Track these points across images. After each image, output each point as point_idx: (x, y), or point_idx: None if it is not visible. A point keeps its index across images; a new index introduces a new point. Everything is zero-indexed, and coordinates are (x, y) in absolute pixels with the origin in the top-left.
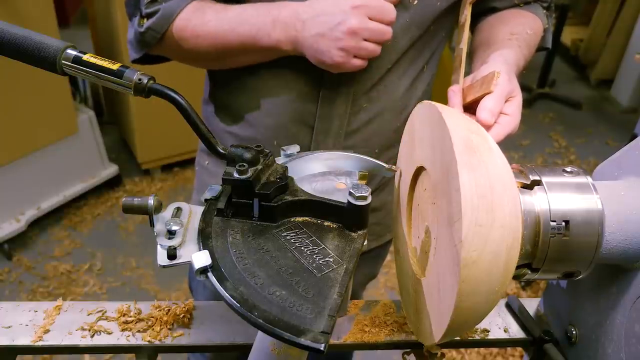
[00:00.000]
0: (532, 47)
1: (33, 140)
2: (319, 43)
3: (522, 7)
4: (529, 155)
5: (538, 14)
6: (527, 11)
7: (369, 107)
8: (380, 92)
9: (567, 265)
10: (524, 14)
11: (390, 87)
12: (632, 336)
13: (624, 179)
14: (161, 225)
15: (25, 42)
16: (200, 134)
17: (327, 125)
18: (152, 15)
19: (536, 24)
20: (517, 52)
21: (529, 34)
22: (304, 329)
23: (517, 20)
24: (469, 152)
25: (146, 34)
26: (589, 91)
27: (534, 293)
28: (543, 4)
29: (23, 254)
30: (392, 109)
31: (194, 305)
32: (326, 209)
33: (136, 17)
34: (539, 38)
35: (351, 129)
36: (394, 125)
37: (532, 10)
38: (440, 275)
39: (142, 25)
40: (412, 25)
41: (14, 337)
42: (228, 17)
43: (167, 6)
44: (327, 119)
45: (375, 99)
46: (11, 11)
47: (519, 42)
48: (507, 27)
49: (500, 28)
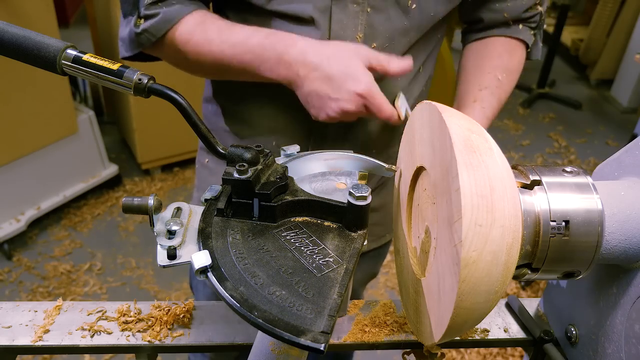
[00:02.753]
0: (502, 95)
1: (33, 140)
2: (313, 99)
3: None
4: (529, 155)
5: (523, 36)
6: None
7: None
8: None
9: (567, 265)
10: (500, 50)
11: (388, 90)
12: (632, 336)
13: (624, 179)
14: (161, 225)
15: (25, 42)
16: (200, 133)
17: (325, 128)
18: (150, 18)
19: (512, 61)
20: (481, 122)
21: (499, 81)
22: (304, 329)
23: (492, 62)
24: (469, 152)
25: (141, 36)
26: (589, 91)
27: (534, 293)
28: (531, 25)
29: (23, 254)
30: None
31: (194, 305)
32: (326, 209)
33: (133, 17)
34: (515, 75)
35: (349, 131)
36: (390, 125)
37: (517, 34)
38: (440, 275)
39: (138, 25)
40: (411, 30)
41: (14, 337)
42: (232, 42)
43: (167, 11)
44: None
45: None
46: (11, 11)
47: (484, 101)
48: (479, 78)
49: (472, 81)
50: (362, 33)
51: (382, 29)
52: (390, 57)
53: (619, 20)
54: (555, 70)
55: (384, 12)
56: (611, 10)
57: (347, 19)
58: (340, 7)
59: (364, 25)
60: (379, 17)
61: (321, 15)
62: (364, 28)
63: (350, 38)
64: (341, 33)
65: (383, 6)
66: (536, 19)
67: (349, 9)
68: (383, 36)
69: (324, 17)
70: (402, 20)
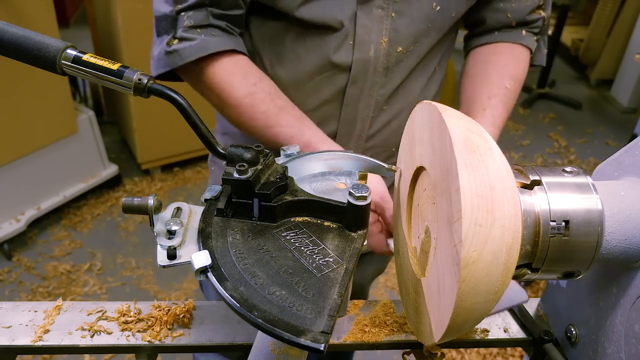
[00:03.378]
0: (509, 102)
1: (33, 140)
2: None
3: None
4: (529, 155)
5: (526, 42)
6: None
7: (388, 109)
8: (400, 94)
9: (567, 265)
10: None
11: (409, 89)
12: (632, 336)
13: (624, 179)
14: (161, 225)
15: (25, 42)
16: (200, 134)
17: (350, 129)
18: (185, 40)
19: (518, 69)
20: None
21: (507, 89)
22: (304, 329)
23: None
24: (469, 152)
25: (172, 55)
26: (589, 91)
27: (534, 293)
28: (534, 30)
29: (23, 254)
30: (408, 109)
31: (194, 305)
32: (326, 209)
33: (168, 36)
34: (520, 83)
35: (372, 131)
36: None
37: (520, 40)
38: (440, 275)
39: (170, 45)
40: (433, 31)
41: (14, 337)
42: (275, 114)
43: (205, 39)
44: (349, 122)
45: (395, 101)
46: (11, 11)
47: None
48: (487, 86)
49: (480, 89)
50: (386, 37)
51: (407, 33)
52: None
53: (619, 20)
54: (555, 70)
55: (409, 16)
56: (611, 10)
57: (372, 24)
58: (365, 12)
59: (388, 29)
60: (403, 21)
61: (347, 21)
62: (388, 32)
63: (375, 42)
64: (366, 38)
65: (407, 10)
66: (539, 24)
67: (374, 13)
68: (407, 40)
69: (349, 22)
70: (426, 23)
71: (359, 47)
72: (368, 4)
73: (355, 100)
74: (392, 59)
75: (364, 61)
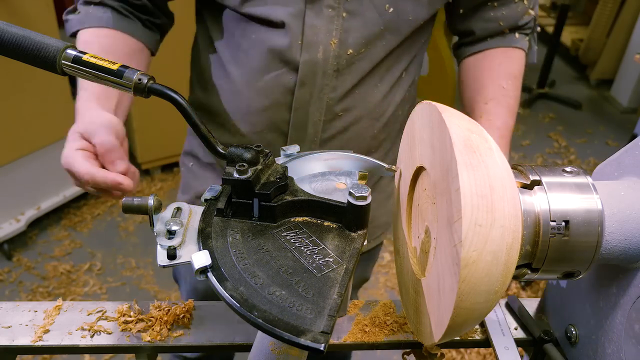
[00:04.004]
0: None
1: (33, 140)
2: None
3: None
4: (529, 155)
5: (520, 45)
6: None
7: (345, 115)
8: (356, 99)
9: (567, 265)
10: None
11: (366, 95)
12: (632, 336)
13: (624, 179)
14: (161, 225)
15: (25, 42)
16: (200, 133)
17: (301, 134)
18: (75, 12)
19: (513, 66)
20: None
21: (504, 89)
22: (304, 329)
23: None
24: (469, 152)
25: (66, 23)
26: (589, 91)
27: (534, 293)
28: (526, 31)
29: (23, 254)
30: (369, 116)
31: (193, 305)
32: (326, 209)
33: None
34: (519, 80)
35: (326, 137)
36: (371, 132)
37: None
38: (440, 275)
39: (68, 14)
40: (388, 34)
41: (14, 337)
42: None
43: (86, 15)
44: (300, 127)
45: (351, 107)
46: (11, 11)
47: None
48: (482, 92)
49: (476, 97)
50: (336, 39)
51: (358, 35)
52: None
53: (619, 20)
54: (555, 70)
55: (360, 17)
56: (611, 10)
57: (322, 24)
58: (315, 12)
59: (339, 30)
60: (354, 22)
61: (294, 19)
62: (339, 33)
63: (324, 43)
64: (314, 38)
65: (359, 10)
66: (530, 24)
67: (324, 13)
68: (359, 41)
69: (296, 21)
70: (379, 24)
71: (307, 48)
72: (317, 3)
73: (305, 104)
74: (342, 61)
75: (313, 63)
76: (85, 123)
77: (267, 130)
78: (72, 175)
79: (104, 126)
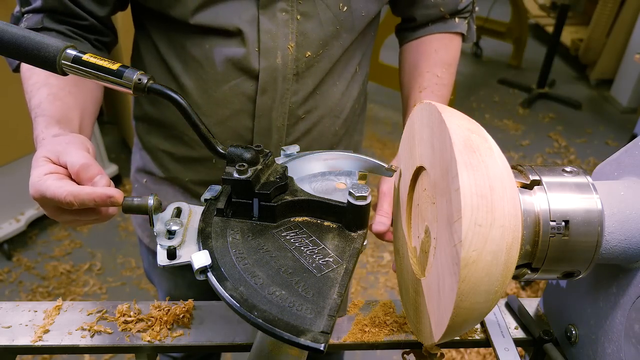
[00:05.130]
0: (443, 90)
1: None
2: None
3: (444, 23)
4: (529, 155)
5: (460, 29)
6: (442, 34)
7: (307, 117)
8: (317, 100)
9: (567, 265)
10: (435, 45)
11: (326, 94)
12: (632, 336)
13: (623, 179)
14: (161, 225)
15: (25, 42)
16: (199, 133)
17: (266, 140)
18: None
19: (449, 54)
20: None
21: (438, 78)
22: (304, 329)
23: (429, 61)
24: (469, 152)
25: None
26: (589, 91)
27: (534, 293)
28: (465, 15)
29: (23, 254)
30: (330, 115)
31: (193, 305)
32: (326, 209)
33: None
34: (454, 67)
35: (290, 140)
36: (332, 129)
37: (454, 28)
38: (440, 275)
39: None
40: (344, 33)
41: (14, 337)
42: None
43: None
44: (264, 134)
45: (313, 108)
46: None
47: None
48: (418, 79)
49: (412, 84)
50: (293, 42)
51: (315, 36)
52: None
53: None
54: (555, 70)
55: (315, 18)
56: (611, 10)
57: (277, 29)
58: (269, 17)
59: (295, 34)
60: (310, 24)
61: (248, 26)
62: (295, 37)
63: (281, 48)
64: (271, 44)
65: (313, 12)
66: (469, 7)
67: (278, 17)
68: (316, 43)
69: (251, 28)
70: (335, 24)
71: (265, 55)
72: (270, 8)
73: (267, 111)
74: (301, 65)
75: (272, 69)
76: (51, 145)
77: (230, 139)
78: (46, 204)
79: (73, 143)
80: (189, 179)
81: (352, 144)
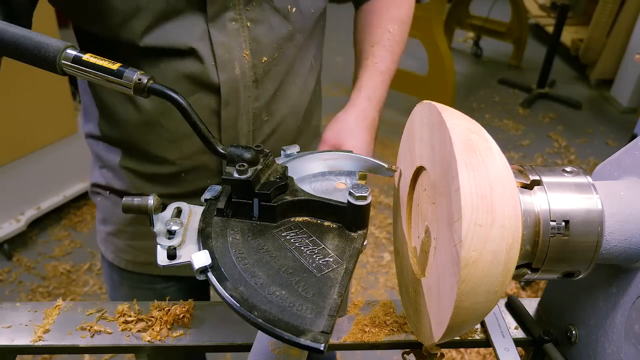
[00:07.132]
0: (395, 46)
1: (33, 140)
2: None
3: None
4: (529, 155)
5: None
6: None
7: (270, 119)
8: (278, 102)
9: (567, 265)
10: (388, 3)
11: (287, 94)
12: (632, 336)
13: (623, 179)
14: (161, 225)
15: (25, 42)
16: (200, 133)
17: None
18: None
19: (401, 11)
20: (375, 78)
21: (390, 33)
22: (304, 328)
23: (381, 17)
24: (469, 152)
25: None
26: (589, 91)
27: (534, 293)
28: None
29: (23, 254)
30: (291, 113)
31: (193, 305)
32: (326, 209)
33: None
34: (407, 25)
35: (257, 143)
36: (295, 126)
37: None
38: (440, 275)
39: None
40: (296, 33)
41: (14, 337)
42: None
43: None
44: (232, 142)
45: (275, 110)
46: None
47: (375, 56)
48: (370, 35)
49: (364, 39)
50: (248, 50)
51: (268, 41)
52: None
53: (619, 20)
54: (555, 70)
55: (265, 23)
56: (611, 10)
57: (230, 40)
58: (219, 28)
59: (248, 41)
60: (261, 29)
61: (201, 42)
62: (249, 44)
63: (238, 59)
64: (227, 56)
65: (262, 17)
66: None
67: (228, 28)
68: (270, 47)
69: (204, 43)
70: (286, 26)
71: (222, 68)
72: (219, 19)
73: (233, 121)
74: (259, 71)
75: (232, 80)
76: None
77: (198, 153)
78: None
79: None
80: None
81: (311, 130)
